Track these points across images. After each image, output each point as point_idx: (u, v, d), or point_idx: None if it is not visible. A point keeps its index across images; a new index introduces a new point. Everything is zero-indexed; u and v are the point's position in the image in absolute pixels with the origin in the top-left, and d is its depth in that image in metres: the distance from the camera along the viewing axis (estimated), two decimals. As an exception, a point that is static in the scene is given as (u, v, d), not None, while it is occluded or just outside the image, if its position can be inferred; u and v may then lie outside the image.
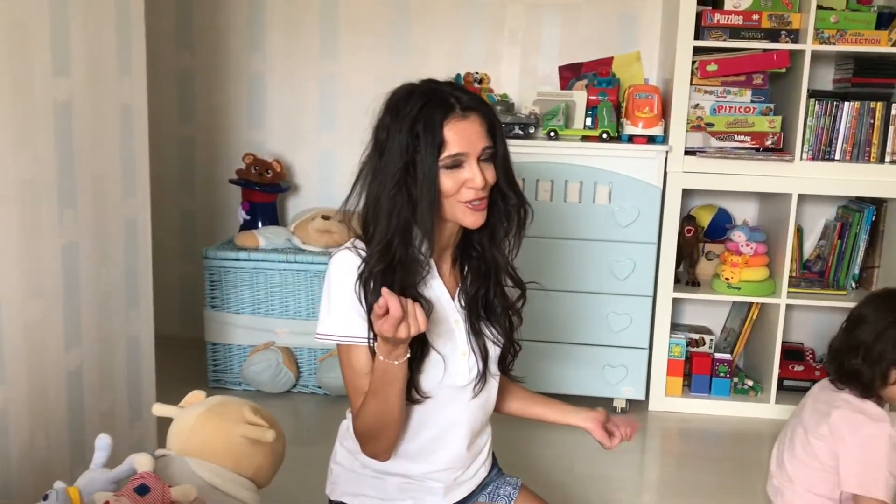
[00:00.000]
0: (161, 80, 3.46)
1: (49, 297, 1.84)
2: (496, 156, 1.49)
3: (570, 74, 3.28)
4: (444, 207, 1.46)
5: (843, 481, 1.75)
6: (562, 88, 3.25)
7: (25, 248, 1.74)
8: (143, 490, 1.55)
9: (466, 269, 1.59)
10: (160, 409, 1.82)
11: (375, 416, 1.47)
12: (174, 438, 1.74)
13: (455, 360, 1.52)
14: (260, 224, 3.35)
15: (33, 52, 1.71)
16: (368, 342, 1.48)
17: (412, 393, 1.48)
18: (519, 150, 2.75)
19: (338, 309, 1.49)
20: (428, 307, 1.49)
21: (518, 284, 1.62)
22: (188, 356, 3.33)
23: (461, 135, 1.43)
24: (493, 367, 1.60)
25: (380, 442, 1.51)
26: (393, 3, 3.41)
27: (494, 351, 1.59)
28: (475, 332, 1.56)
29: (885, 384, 1.73)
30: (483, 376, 1.58)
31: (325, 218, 3.21)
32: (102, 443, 1.63)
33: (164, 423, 1.79)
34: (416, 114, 1.43)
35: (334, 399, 3.09)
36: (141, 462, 1.60)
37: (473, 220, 1.47)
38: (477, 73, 3.23)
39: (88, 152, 1.92)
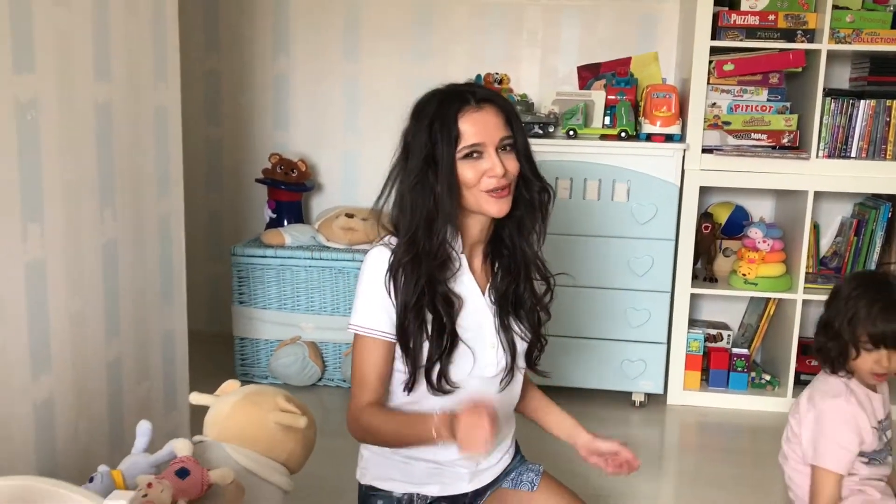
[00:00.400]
0: (189, 83, 3.52)
1: (90, 292, 1.93)
2: (516, 146, 1.56)
3: (588, 75, 3.33)
4: (468, 199, 1.53)
5: (804, 454, 1.84)
6: (580, 88, 3.31)
7: (70, 245, 1.82)
8: (183, 473, 1.63)
9: (497, 265, 1.66)
10: (197, 398, 1.90)
11: (381, 442, 1.61)
12: (211, 425, 1.82)
13: (484, 353, 1.59)
14: (285, 222, 3.43)
15: (77, 57, 1.79)
16: (387, 336, 1.56)
17: (442, 384, 1.56)
18: (538, 149, 2.76)
19: (364, 301, 1.58)
20: (458, 302, 1.57)
21: (545, 278, 1.69)
22: (216, 351, 3.42)
23: (477, 126, 1.51)
24: (521, 361, 1.67)
25: (367, 442, 1.66)
26: (414, 7, 3.48)
27: (522, 346, 1.66)
28: (504, 327, 1.63)
29: (848, 359, 1.80)
30: (510, 370, 1.65)
31: (349, 216, 3.28)
32: (143, 429, 1.72)
33: (197, 413, 1.88)
34: (434, 111, 1.52)
35: (359, 393, 3.17)
36: (180, 447, 1.69)
37: (498, 208, 1.54)
38: (497, 73, 3.29)
39: (126, 153, 2.01)
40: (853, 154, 3.02)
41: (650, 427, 3.04)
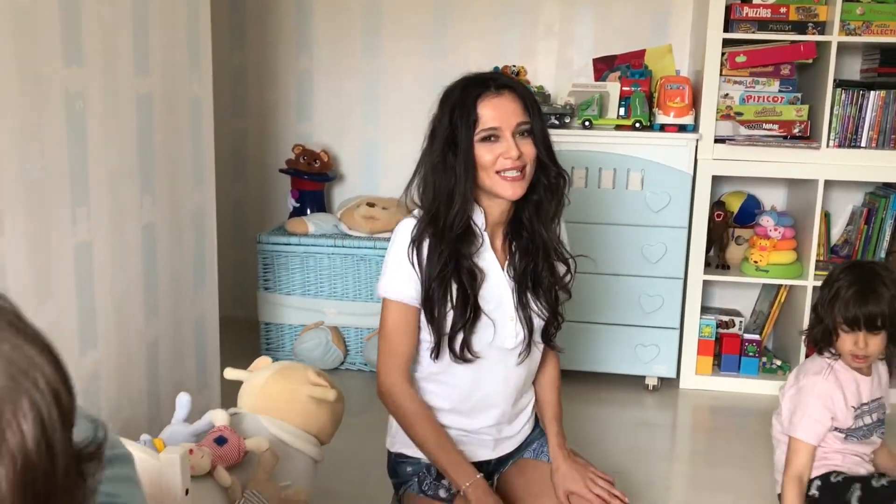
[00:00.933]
0: (216, 77, 3.64)
1: (132, 274, 2.04)
2: (533, 131, 1.65)
3: (603, 67, 3.42)
4: (484, 180, 1.63)
5: (783, 423, 2.00)
6: (596, 80, 3.39)
7: (114, 229, 1.93)
8: (221, 441, 1.74)
9: (514, 245, 1.76)
10: (231, 373, 2.01)
11: (408, 433, 1.72)
12: (245, 398, 1.93)
13: (504, 325, 1.69)
14: (308, 211, 3.54)
15: (120, 51, 1.90)
16: (412, 302, 1.66)
17: (464, 353, 1.66)
18: (555, 139, 2.83)
19: (392, 268, 1.68)
20: (481, 275, 1.67)
21: (564, 260, 1.78)
22: (242, 336, 3.53)
23: (495, 111, 1.60)
24: (538, 336, 1.77)
25: (393, 416, 1.77)
26: (432, 3, 3.58)
27: (539, 322, 1.75)
28: (522, 304, 1.73)
29: (831, 341, 1.91)
30: (528, 345, 1.75)
31: (370, 205, 3.38)
32: (183, 400, 1.83)
33: (227, 390, 1.99)
34: (456, 97, 1.63)
35: (380, 376, 3.27)
36: (218, 417, 1.80)
37: (512, 191, 1.63)
38: (514, 66, 3.38)
39: (165, 143, 2.12)
40: (863, 144, 3.09)
41: (663, 410, 3.13)
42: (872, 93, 3.08)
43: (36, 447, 0.53)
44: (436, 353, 1.68)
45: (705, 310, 3.34)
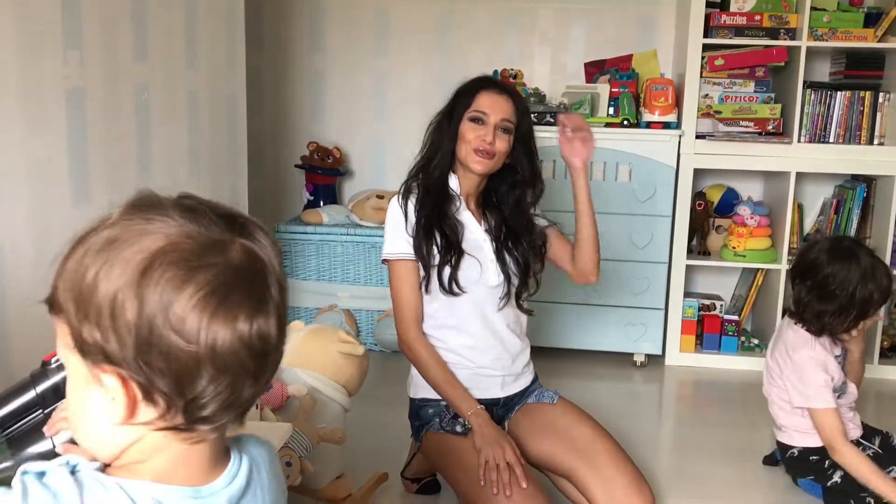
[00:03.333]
0: (234, 78, 3.93)
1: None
2: (518, 133, 1.98)
3: (594, 70, 3.70)
4: (461, 151, 2.01)
5: (791, 399, 2.22)
6: (587, 82, 3.67)
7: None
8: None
9: (490, 215, 2.09)
10: (269, 335, 2.28)
11: (423, 375, 2.03)
12: (283, 355, 2.20)
13: (486, 265, 2.01)
14: (322, 203, 3.81)
15: (174, 49, 2.18)
16: (410, 257, 1.99)
17: (452, 286, 1.97)
18: (550, 136, 3.17)
19: (388, 234, 2.04)
20: (461, 227, 1.98)
21: (533, 224, 2.09)
22: (259, 319, 3.79)
23: (489, 101, 1.99)
24: (515, 281, 2.06)
25: (412, 363, 2.07)
26: (438, 9, 3.86)
27: (514, 275, 2.05)
28: (499, 254, 2.05)
29: (848, 331, 2.18)
30: (508, 290, 2.04)
31: (380, 197, 3.65)
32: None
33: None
34: (466, 84, 2.04)
35: (390, 355, 3.53)
36: (263, 367, 2.07)
37: (474, 166, 1.99)
38: (512, 69, 3.67)
39: (209, 133, 2.39)
40: (831, 139, 3.39)
41: (650, 383, 3.41)
42: (839, 93, 3.38)
43: None
44: (426, 286, 1.98)
45: (689, 295, 3.62)
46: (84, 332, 0.70)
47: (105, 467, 0.76)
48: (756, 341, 3.58)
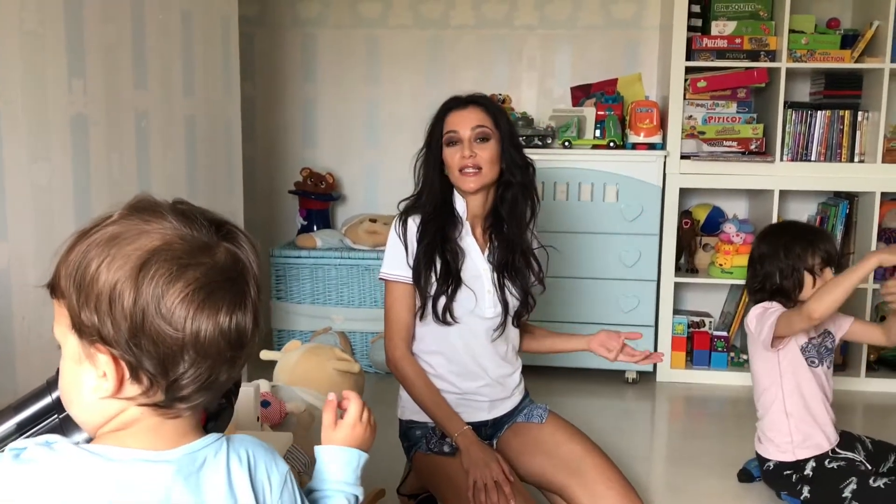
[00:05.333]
0: (228, 107, 4.00)
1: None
2: (500, 135, 2.02)
3: (580, 94, 3.79)
4: (451, 178, 2.04)
5: (761, 349, 2.34)
6: (574, 106, 3.76)
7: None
8: (265, 404, 2.05)
9: (495, 238, 2.10)
10: (266, 354, 2.33)
11: (411, 394, 2.05)
12: (281, 373, 2.25)
13: (483, 296, 2.03)
14: (315, 228, 3.87)
15: (172, 77, 2.24)
16: (406, 279, 2.01)
17: (445, 316, 1.99)
18: (538, 158, 3.20)
19: (387, 255, 2.06)
20: (462, 254, 2.01)
21: (535, 258, 2.12)
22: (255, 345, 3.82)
23: (456, 118, 2.02)
24: (511, 313, 2.09)
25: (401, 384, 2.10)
26: (427, 37, 3.95)
27: (513, 302, 2.09)
28: (500, 284, 2.07)
29: (802, 289, 2.27)
30: (503, 322, 2.07)
31: (373, 221, 3.72)
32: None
33: (252, 374, 2.28)
34: (437, 113, 2.07)
35: (384, 376, 3.57)
36: (262, 385, 2.11)
37: (466, 185, 2.02)
38: (500, 94, 3.75)
39: (205, 159, 2.45)
40: (813, 158, 3.48)
41: (642, 400, 3.45)
42: (819, 112, 3.47)
43: None
44: (421, 314, 2.01)
45: (678, 312, 3.67)
46: (83, 315, 0.80)
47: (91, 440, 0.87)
48: (745, 357, 3.63)
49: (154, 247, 0.80)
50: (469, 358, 2.06)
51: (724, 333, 3.64)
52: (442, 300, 1.99)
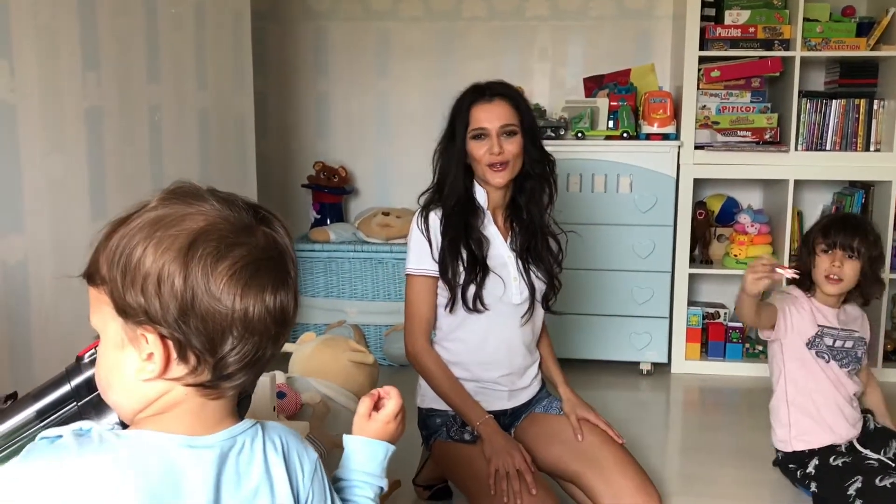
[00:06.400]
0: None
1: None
2: (523, 129, 2.00)
3: (593, 85, 3.78)
4: (477, 170, 2.03)
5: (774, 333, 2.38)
6: (586, 97, 3.74)
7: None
8: (280, 395, 2.06)
9: (515, 224, 2.11)
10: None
11: (431, 385, 2.05)
12: (296, 365, 2.26)
13: (510, 283, 2.03)
14: (328, 221, 3.88)
15: (185, 71, 2.25)
16: (430, 273, 2.01)
17: (476, 304, 1.99)
18: (551, 150, 3.22)
19: (411, 250, 2.05)
20: (486, 242, 2.02)
21: (555, 236, 2.13)
22: (269, 337, 3.84)
23: (483, 114, 2.00)
24: (539, 297, 2.10)
25: (421, 375, 2.09)
26: (438, 31, 3.95)
27: (540, 286, 2.09)
28: (525, 269, 2.07)
29: (814, 274, 2.28)
30: (531, 305, 2.08)
31: (385, 214, 3.72)
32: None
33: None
34: (458, 103, 2.03)
35: (398, 368, 3.58)
36: (277, 376, 2.12)
37: (494, 180, 2.02)
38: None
39: (218, 153, 2.46)
40: (828, 147, 3.45)
41: (657, 391, 3.44)
42: (835, 101, 3.44)
43: None
44: (451, 306, 2.01)
45: (692, 304, 3.66)
46: (128, 297, 0.81)
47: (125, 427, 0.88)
48: (760, 347, 3.61)
49: (199, 227, 0.82)
50: (493, 347, 2.07)
51: (740, 325, 3.62)
52: (471, 289, 1.99)
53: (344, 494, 1.08)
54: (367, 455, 1.10)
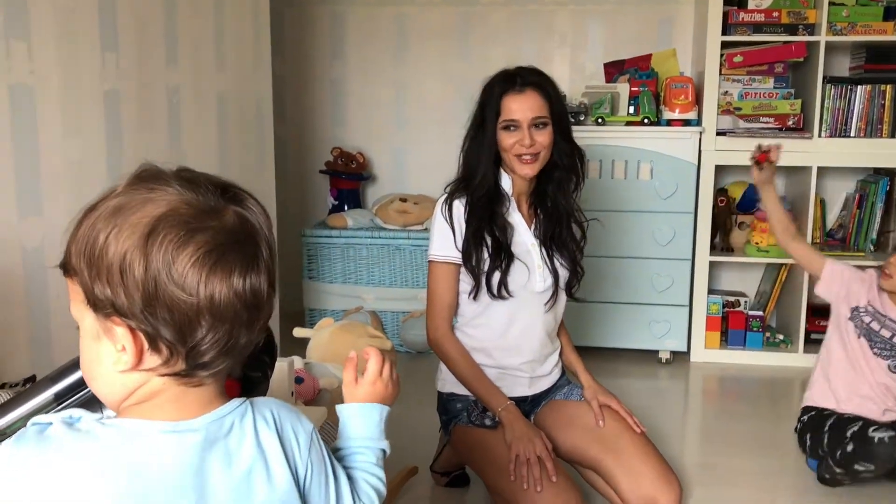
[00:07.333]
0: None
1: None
2: (553, 120, 1.98)
3: (613, 70, 3.73)
4: (505, 160, 2.00)
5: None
6: (607, 82, 3.70)
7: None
8: (298, 380, 2.05)
9: (540, 211, 2.08)
10: (300, 332, 2.33)
11: (452, 371, 2.03)
12: (314, 350, 2.25)
13: (534, 270, 2.01)
14: (346, 207, 3.86)
15: (204, 53, 2.23)
16: (452, 259, 1.99)
17: (501, 291, 1.98)
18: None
19: (434, 236, 2.03)
20: (510, 229, 1.99)
21: (580, 224, 2.11)
22: (286, 324, 3.83)
23: (515, 105, 1.96)
24: (563, 284, 2.08)
25: (441, 360, 2.07)
26: (456, 15, 3.91)
27: (563, 273, 2.07)
28: (548, 256, 2.05)
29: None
30: (554, 292, 2.06)
31: (403, 200, 3.70)
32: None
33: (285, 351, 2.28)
34: (488, 91, 1.98)
35: (415, 355, 3.57)
36: (295, 362, 2.11)
37: (523, 171, 1.99)
38: (532, 71, 3.70)
39: (236, 137, 2.44)
40: (852, 133, 3.39)
41: (676, 380, 3.42)
42: (860, 87, 3.38)
43: None
44: (475, 293, 1.99)
45: (712, 292, 3.62)
46: (96, 289, 0.79)
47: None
48: (781, 337, 3.58)
49: (160, 213, 0.79)
50: (516, 334, 2.05)
51: (760, 313, 3.58)
52: (496, 275, 1.98)
53: (346, 463, 1.06)
54: (362, 420, 1.09)
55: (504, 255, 1.97)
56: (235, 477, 0.85)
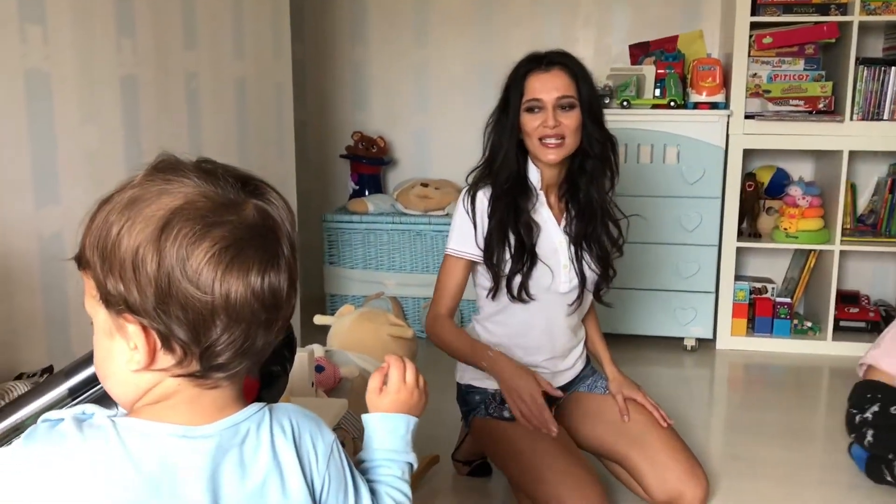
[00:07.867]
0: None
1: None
2: (581, 103, 1.90)
3: (639, 52, 3.66)
4: (529, 146, 1.91)
5: None
6: (632, 64, 3.63)
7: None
8: (319, 369, 2.03)
9: (571, 205, 2.01)
10: (320, 319, 2.31)
11: (447, 351, 2.00)
12: (335, 338, 2.23)
13: (559, 271, 1.95)
14: (366, 192, 3.83)
15: (222, 38, 2.20)
16: (468, 256, 1.94)
17: (521, 294, 1.92)
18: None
19: (453, 230, 1.96)
20: (536, 228, 1.93)
21: (616, 221, 2.03)
22: (307, 310, 3.82)
23: (538, 84, 1.88)
24: (590, 286, 2.02)
25: (438, 346, 2.04)
26: (479, -4, 3.85)
27: (591, 276, 2.01)
28: (577, 257, 1.99)
29: None
30: (580, 294, 2.00)
31: (424, 185, 3.66)
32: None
33: (306, 338, 2.26)
34: (513, 72, 1.91)
35: (437, 341, 3.54)
36: (316, 350, 2.09)
37: (547, 156, 1.90)
38: (555, 53, 3.63)
39: (256, 122, 2.41)
40: (885, 116, 3.30)
41: (702, 368, 3.36)
42: (894, 69, 3.28)
43: None
44: (493, 293, 1.94)
45: (739, 278, 3.55)
46: (108, 284, 0.76)
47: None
48: (809, 324, 3.51)
49: (176, 206, 0.75)
50: (537, 334, 2.00)
51: (788, 300, 3.52)
52: (517, 278, 1.91)
53: (369, 476, 1.01)
54: (386, 431, 1.03)
55: (527, 257, 1.90)
56: (249, 488, 0.81)
